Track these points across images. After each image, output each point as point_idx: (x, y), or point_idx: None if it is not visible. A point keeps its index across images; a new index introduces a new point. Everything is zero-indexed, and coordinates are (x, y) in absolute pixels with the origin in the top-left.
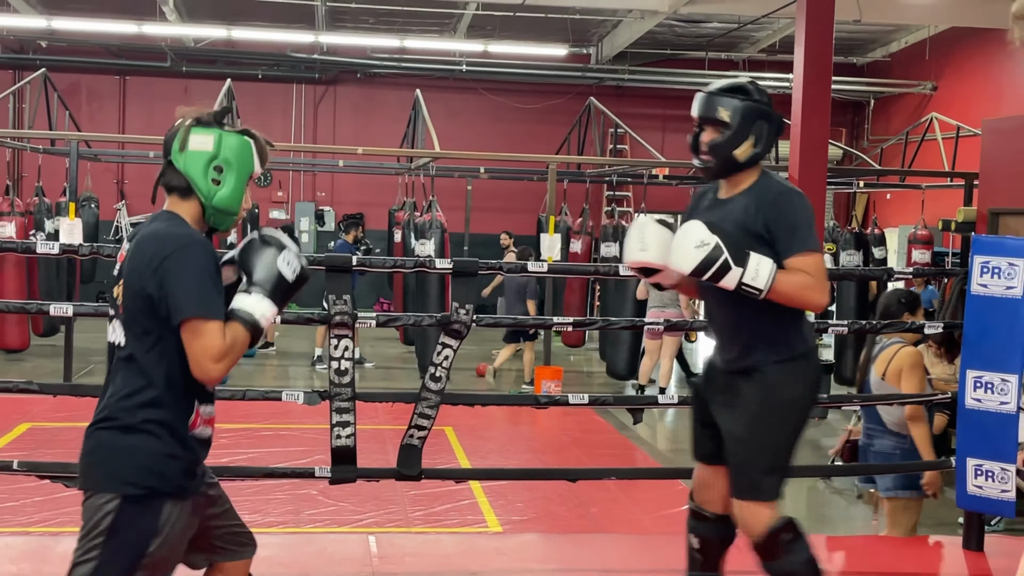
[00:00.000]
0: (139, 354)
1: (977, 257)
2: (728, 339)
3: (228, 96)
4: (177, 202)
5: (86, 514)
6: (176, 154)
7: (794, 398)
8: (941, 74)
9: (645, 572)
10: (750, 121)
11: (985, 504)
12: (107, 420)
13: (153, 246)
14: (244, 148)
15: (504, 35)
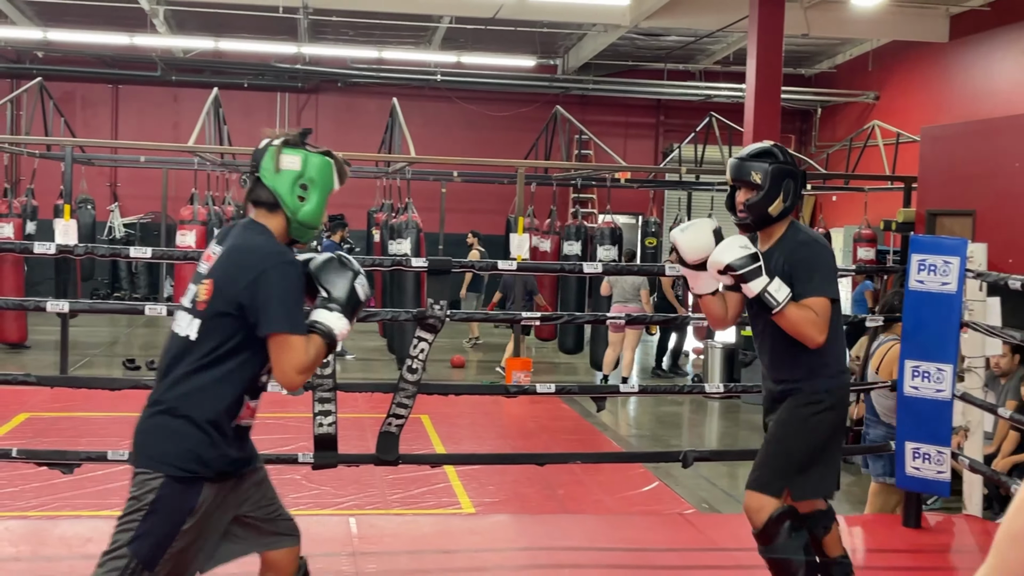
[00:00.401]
0: (209, 350)
1: (915, 256)
2: (771, 368)
3: (215, 104)
4: (264, 215)
5: (134, 488)
6: (266, 172)
7: (818, 419)
8: (883, 84)
9: (607, 549)
10: (779, 180)
11: (922, 484)
12: (164, 405)
13: (251, 259)
14: (326, 167)
15: (476, 47)
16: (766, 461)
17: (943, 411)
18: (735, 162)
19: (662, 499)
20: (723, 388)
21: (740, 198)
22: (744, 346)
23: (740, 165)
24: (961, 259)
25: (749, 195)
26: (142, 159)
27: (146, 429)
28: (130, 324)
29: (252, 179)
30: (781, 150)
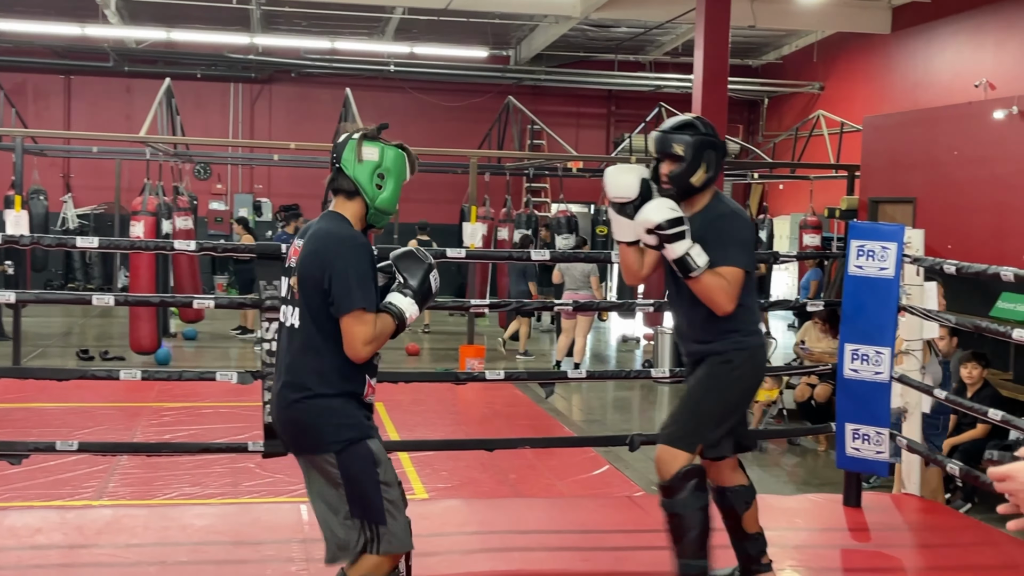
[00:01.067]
0: (318, 336)
1: (854, 241)
2: (687, 331)
3: (167, 95)
4: (343, 203)
5: (324, 475)
6: (348, 163)
7: (733, 378)
8: (828, 75)
9: (558, 532)
10: (701, 152)
11: (862, 464)
12: (301, 391)
13: (326, 243)
14: (400, 159)
15: (429, 38)
16: (680, 417)
17: (882, 393)
18: (658, 135)
19: (612, 482)
20: (671, 373)
21: (664, 170)
22: None
23: (663, 138)
24: (898, 245)
25: (672, 167)
26: (95, 150)
27: (295, 419)
28: (84, 315)
29: (334, 170)
30: (703, 122)
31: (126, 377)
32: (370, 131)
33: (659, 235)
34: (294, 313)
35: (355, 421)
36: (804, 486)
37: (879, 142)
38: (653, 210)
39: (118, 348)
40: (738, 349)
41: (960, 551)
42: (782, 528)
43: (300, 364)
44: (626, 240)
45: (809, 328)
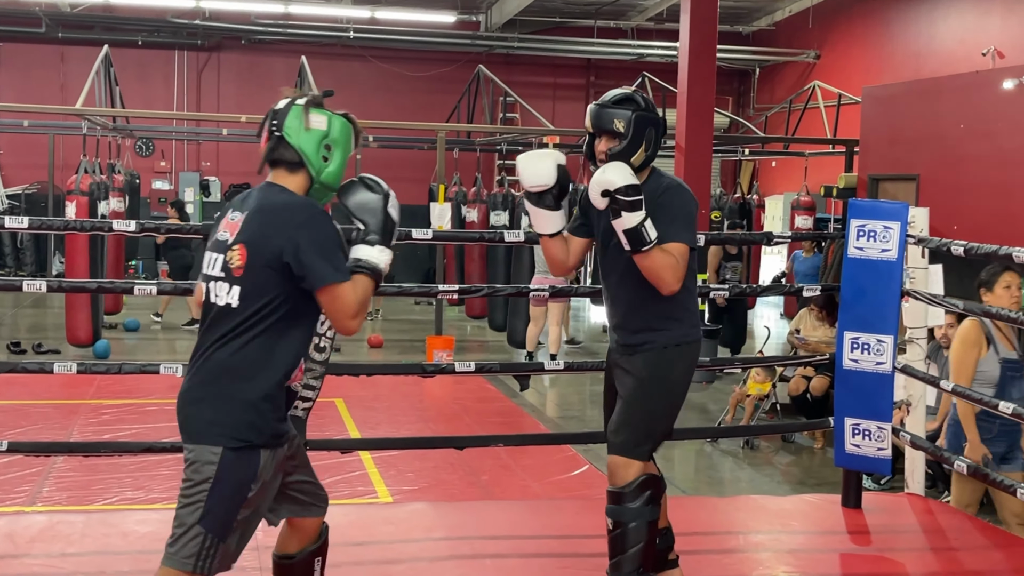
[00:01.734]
0: (254, 313)
1: (853, 221)
2: (624, 317)
3: (105, 63)
4: (284, 175)
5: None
6: (291, 131)
7: (677, 376)
8: (824, 43)
9: (533, 537)
10: (642, 129)
11: (862, 462)
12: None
13: (284, 215)
14: (347, 130)
15: (392, 2)
16: (629, 421)
17: (884, 385)
18: (596, 110)
19: (592, 483)
20: None
21: (601, 147)
22: None
23: (602, 113)
24: (902, 224)
25: (611, 144)
26: (25, 123)
27: (196, 400)
28: (16, 304)
29: (273, 138)
30: (643, 97)
31: (61, 371)
32: (316, 98)
33: (620, 200)
34: (231, 291)
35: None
36: (799, 486)
37: (879, 115)
38: (614, 172)
39: (53, 340)
40: (678, 345)
41: (968, 555)
42: (776, 531)
43: (229, 349)
44: (548, 232)
45: (804, 316)
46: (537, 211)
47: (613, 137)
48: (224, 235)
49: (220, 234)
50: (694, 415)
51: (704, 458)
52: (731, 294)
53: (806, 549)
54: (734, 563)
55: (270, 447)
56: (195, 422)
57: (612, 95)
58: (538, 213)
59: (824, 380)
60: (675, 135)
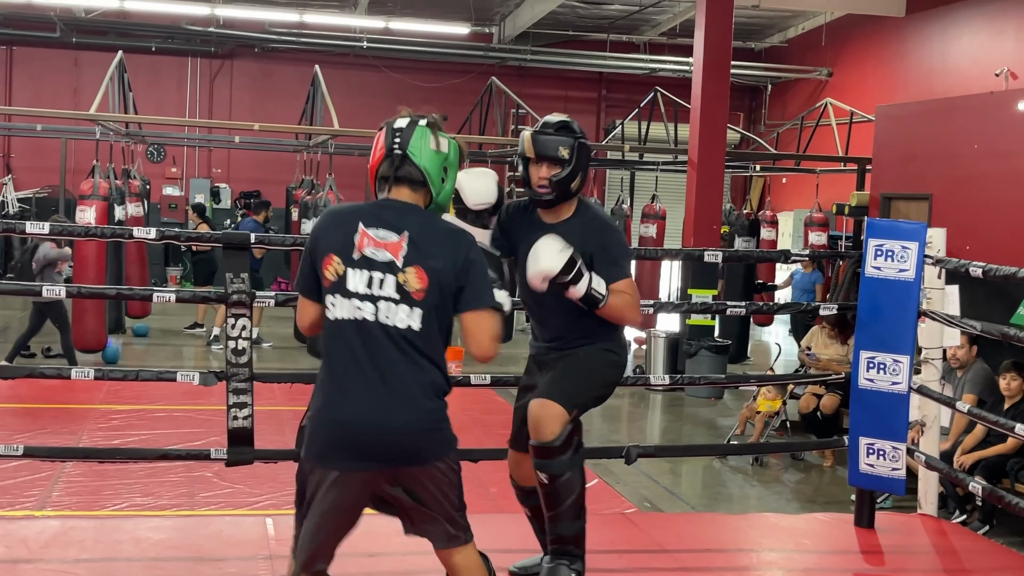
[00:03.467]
0: (435, 337)
1: (871, 240)
2: (556, 335)
3: (119, 69)
4: (408, 192)
5: (437, 482)
6: (418, 152)
7: (604, 367)
8: (836, 60)
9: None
10: (583, 156)
11: (876, 482)
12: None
13: (455, 241)
14: (457, 152)
15: (405, 12)
16: (563, 377)
17: (899, 405)
18: (540, 137)
19: (602, 498)
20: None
21: (543, 173)
22: (689, 335)
23: (547, 140)
24: (920, 244)
25: (554, 171)
26: (39, 128)
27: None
28: (24, 308)
29: (397, 157)
30: (576, 124)
31: (78, 377)
32: (439, 120)
33: (562, 282)
34: (411, 314)
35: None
36: (809, 504)
37: (892, 133)
38: (546, 259)
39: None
40: (610, 351)
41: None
42: (789, 550)
43: (417, 370)
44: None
45: (816, 333)
46: (474, 229)
47: (556, 164)
48: (382, 254)
49: (370, 251)
50: (703, 431)
51: (713, 474)
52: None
53: (819, 568)
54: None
55: None
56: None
57: (552, 121)
58: (473, 231)
59: (835, 398)
60: (688, 150)
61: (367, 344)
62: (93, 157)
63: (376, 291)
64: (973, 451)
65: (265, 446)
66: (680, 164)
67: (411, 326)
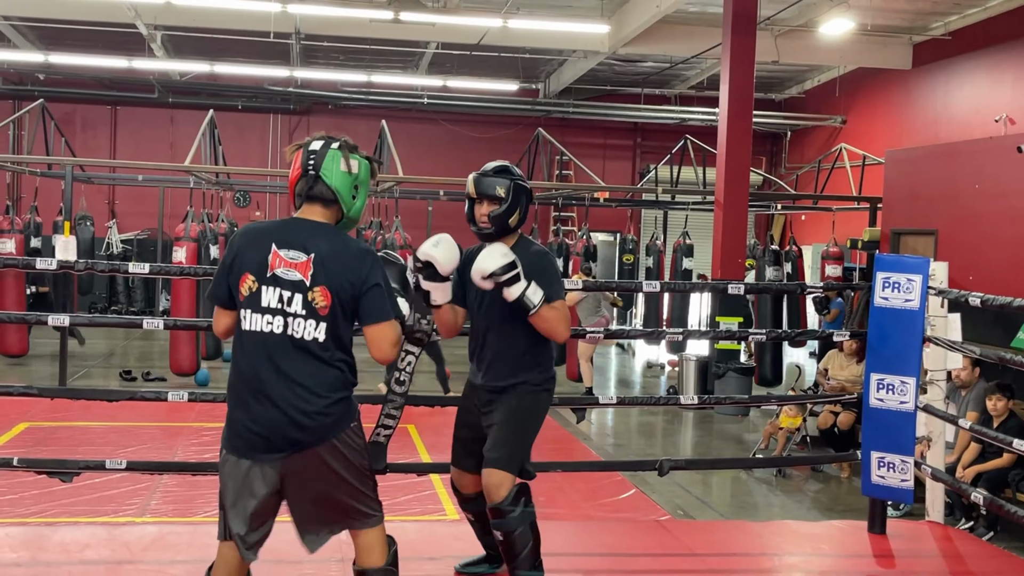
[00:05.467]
0: (336, 346)
1: (879, 273)
2: (494, 364)
3: (210, 125)
4: (320, 211)
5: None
6: (329, 172)
7: (536, 410)
8: (850, 109)
9: (586, 554)
10: (519, 195)
11: (887, 492)
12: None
13: (357, 260)
14: (368, 171)
15: (462, 71)
16: (505, 442)
17: (907, 422)
18: (479, 178)
19: (639, 506)
20: (698, 399)
21: (484, 210)
22: (717, 359)
23: (485, 181)
24: (923, 277)
25: (493, 207)
26: (140, 178)
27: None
28: (127, 337)
29: (309, 177)
30: (515, 168)
31: (174, 399)
32: (350, 143)
33: (500, 279)
34: (318, 327)
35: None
36: (828, 512)
37: (901, 175)
38: (487, 259)
39: (159, 369)
40: (544, 380)
41: None
42: (807, 554)
43: (319, 379)
44: (446, 301)
45: (833, 356)
46: (441, 286)
47: (494, 201)
48: (291, 274)
49: (281, 271)
50: (730, 445)
51: (740, 485)
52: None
53: (836, 571)
54: None
55: None
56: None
57: (491, 166)
58: (441, 288)
59: (851, 415)
60: (715, 191)
61: (275, 352)
62: (187, 203)
63: (286, 307)
64: (973, 464)
65: None
66: (708, 204)
67: (316, 337)
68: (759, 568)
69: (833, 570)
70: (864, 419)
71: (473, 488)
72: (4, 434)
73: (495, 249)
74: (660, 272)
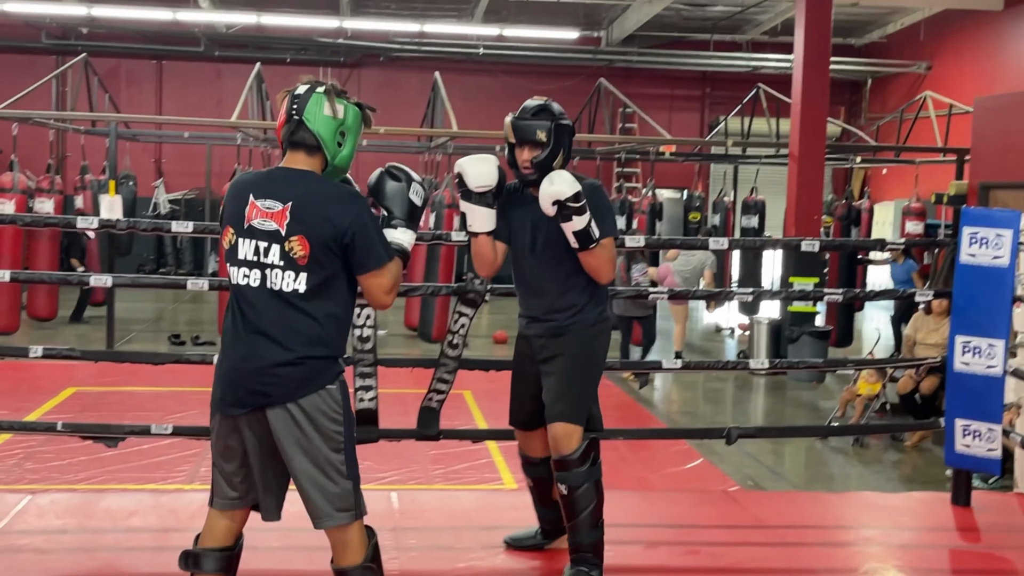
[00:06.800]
0: (318, 296)
1: (966, 228)
2: (545, 307)
3: (257, 79)
4: (304, 158)
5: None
6: (312, 117)
7: (595, 351)
8: (935, 54)
9: (650, 526)
10: (560, 137)
11: (972, 462)
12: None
13: (337, 207)
14: (358, 117)
15: (519, 19)
16: (568, 391)
17: (994, 387)
18: (519, 123)
19: (706, 476)
20: (768, 364)
21: (526, 156)
22: (791, 322)
23: (524, 125)
24: (1014, 232)
25: (535, 153)
26: (186, 135)
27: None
28: (175, 300)
29: (293, 122)
30: (557, 106)
31: None
32: (336, 87)
33: (569, 206)
34: (298, 278)
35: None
36: (908, 483)
37: (991, 124)
38: (562, 183)
39: (209, 333)
40: (598, 323)
41: None
42: (886, 527)
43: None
44: (485, 229)
45: (920, 320)
46: (478, 209)
47: (536, 147)
48: (268, 224)
49: (258, 222)
50: (804, 413)
51: (815, 455)
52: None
53: (916, 545)
54: (845, 556)
55: None
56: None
57: (530, 107)
58: (478, 211)
59: (934, 380)
60: (789, 144)
61: (255, 305)
62: (235, 161)
63: (262, 258)
64: None
65: (390, 426)
66: (782, 157)
67: (296, 289)
68: (834, 541)
69: (914, 544)
70: (948, 384)
71: (540, 451)
72: (51, 399)
73: (564, 174)
74: (728, 230)
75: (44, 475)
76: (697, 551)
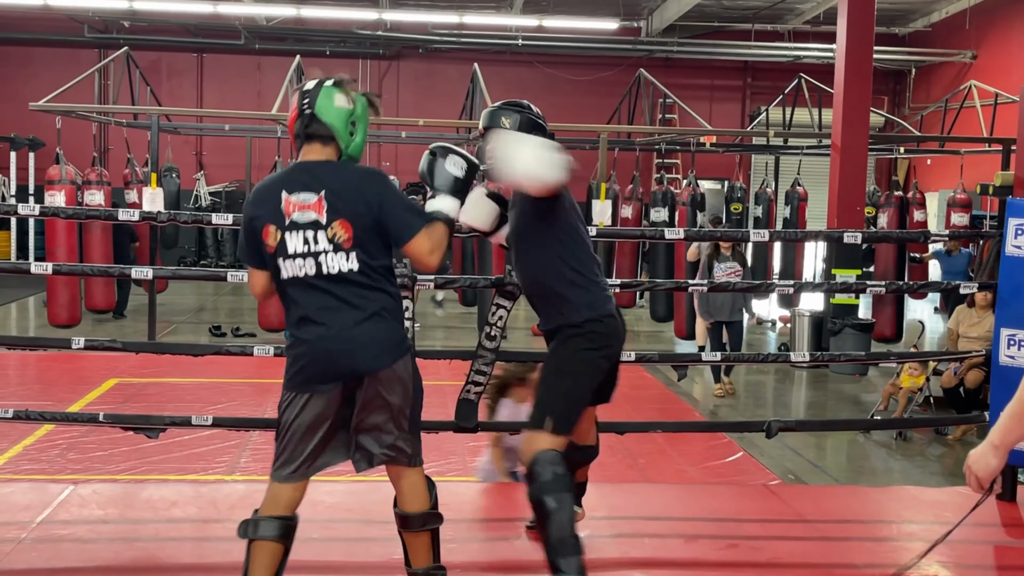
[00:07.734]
0: (373, 269)
1: (1012, 220)
2: (535, 306)
3: (297, 72)
4: (320, 149)
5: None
6: (323, 109)
7: (573, 357)
8: (980, 43)
9: (689, 519)
10: (530, 131)
11: (1018, 457)
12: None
13: (364, 186)
14: (366, 108)
15: (558, 10)
16: (539, 396)
17: None
18: (487, 111)
19: (746, 470)
20: (810, 357)
21: None
22: (833, 314)
23: (492, 113)
24: None
25: None
26: (227, 127)
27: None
28: (216, 292)
29: (306, 116)
30: (530, 105)
31: (260, 354)
32: (344, 79)
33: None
34: (348, 259)
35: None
36: (952, 478)
37: None
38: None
39: (249, 325)
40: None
41: None
42: (929, 522)
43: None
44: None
45: (963, 313)
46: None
47: None
48: (308, 215)
49: (298, 215)
50: (846, 406)
51: (857, 448)
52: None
53: (960, 540)
54: (887, 551)
55: None
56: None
57: (504, 101)
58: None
59: (979, 373)
60: (831, 134)
61: (316, 291)
62: (275, 153)
63: (312, 248)
64: None
65: (428, 418)
66: (824, 148)
67: (351, 268)
68: (876, 536)
69: (958, 538)
70: (993, 378)
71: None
72: (93, 390)
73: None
74: (770, 222)
75: (86, 465)
76: (737, 545)
